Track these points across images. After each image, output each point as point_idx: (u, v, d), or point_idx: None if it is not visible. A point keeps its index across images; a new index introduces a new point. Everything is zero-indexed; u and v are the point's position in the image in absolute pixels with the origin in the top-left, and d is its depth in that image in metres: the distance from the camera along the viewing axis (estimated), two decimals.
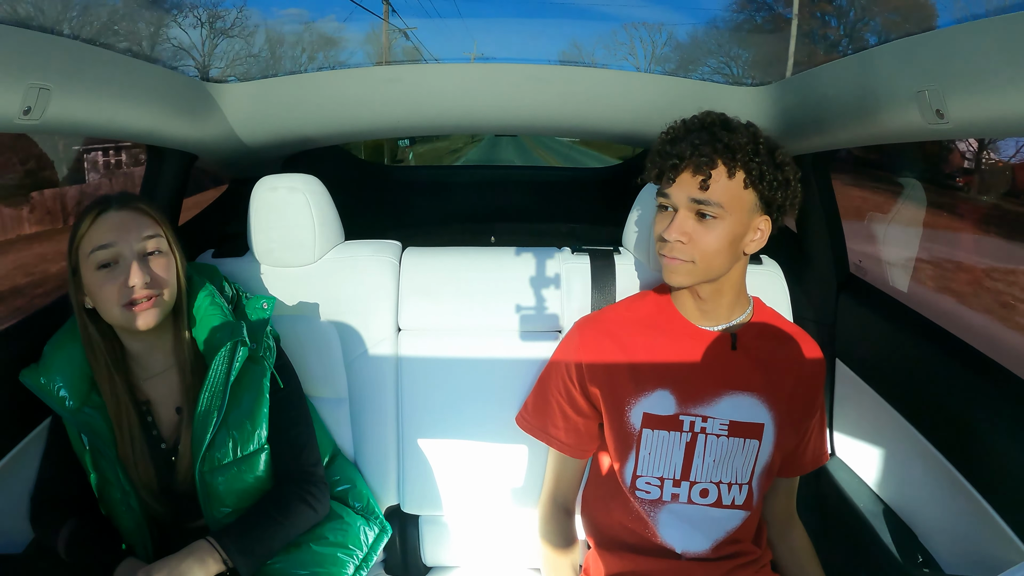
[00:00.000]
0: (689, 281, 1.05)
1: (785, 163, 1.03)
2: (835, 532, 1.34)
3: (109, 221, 1.01)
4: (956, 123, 0.89)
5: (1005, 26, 0.75)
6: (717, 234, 1.01)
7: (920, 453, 1.14)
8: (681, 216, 1.02)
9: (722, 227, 1.01)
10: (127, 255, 1.01)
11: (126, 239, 1.01)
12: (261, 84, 1.43)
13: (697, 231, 1.01)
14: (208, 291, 1.13)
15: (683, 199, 1.01)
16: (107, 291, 1.00)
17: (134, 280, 1.00)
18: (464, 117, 1.61)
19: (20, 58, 0.85)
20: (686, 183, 1.01)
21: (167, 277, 1.05)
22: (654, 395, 1.10)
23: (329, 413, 1.32)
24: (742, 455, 1.10)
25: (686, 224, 1.01)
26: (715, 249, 1.01)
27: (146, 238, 1.03)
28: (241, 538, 1.01)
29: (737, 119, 1.06)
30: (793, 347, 1.15)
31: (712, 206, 1.00)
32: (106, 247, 1.00)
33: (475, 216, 2.32)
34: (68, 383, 1.04)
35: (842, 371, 1.41)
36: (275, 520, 1.07)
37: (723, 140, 0.99)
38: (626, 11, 13.77)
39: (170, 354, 1.10)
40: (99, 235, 1.01)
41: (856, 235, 1.65)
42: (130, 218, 1.03)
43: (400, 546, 1.43)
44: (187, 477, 1.07)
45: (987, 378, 1.07)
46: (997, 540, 0.94)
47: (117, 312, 1.01)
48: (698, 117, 1.06)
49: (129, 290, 1.00)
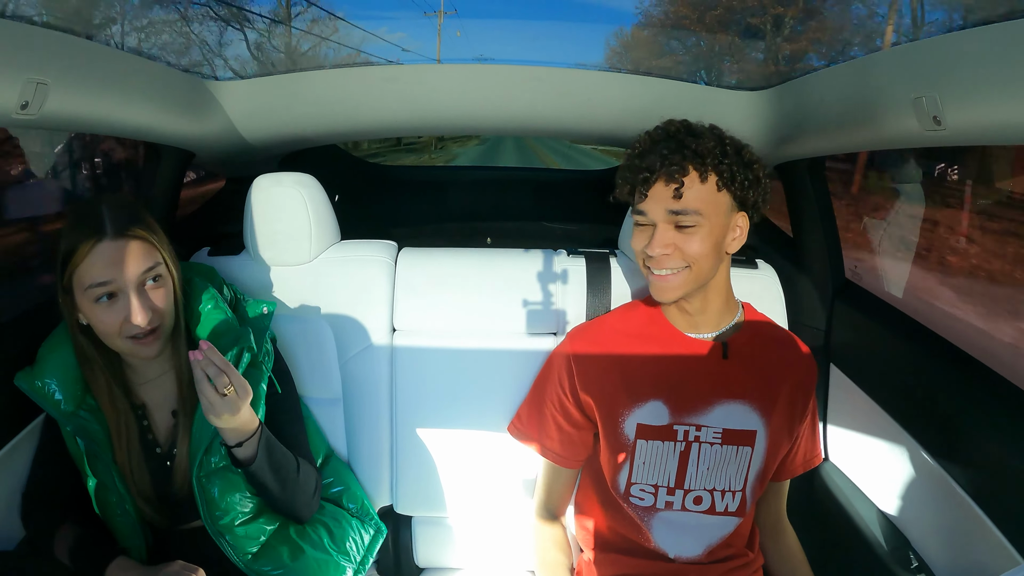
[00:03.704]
0: (680, 293, 1.05)
1: (753, 161, 1.04)
2: (829, 537, 1.34)
3: (106, 255, 0.96)
4: (953, 130, 0.89)
5: (1002, 33, 0.76)
6: (700, 239, 1.01)
7: (914, 459, 1.14)
8: (661, 230, 1.02)
9: (703, 232, 1.01)
10: (127, 289, 0.97)
11: (125, 274, 0.97)
12: (260, 82, 1.43)
13: (679, 240, 1.01)
14: (211, 295, 1.11)
15: (660, 212, 1.01)
16: (107, 324, 0.98)
17: (137, 319, 0.97)
18: (462, 117, 1.60)
19: (18, 53, 0.85)
20: (660, 195, 1.01)
21: (166, 305, 1.02)
22: (647, 406, 1.10)
23: (323, 413, 1.32)
24: (735, 462, 1.10)
25: (667, 236, 1.02)
26: (701, 253, 1.02)
27: (145, 271, 0.99)
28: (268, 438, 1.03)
29: (701, 123, 1.07)
30: (784, 352, 1.15)
31: (689, 215, 1.00)
32: (104, 284, 0.96)
33: (472, 217, 2.32)
34: (63, 386, 1.03)
35: (837, 376, 1.41)
36: (291, 458, 1.07)
37: (690, 147, 1.00)
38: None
39: (166, 360, 1.08)
40: (96, 271, 0.95)
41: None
42: (128, 249, 0.97)
43: (392, 547, 1.43)
44: (184, 481, 1.06)
45: (981, 384, 1.08)
46: (989, 546, 0.94)
47: (119, 343, 0.99)
48: (661, 127, 1.07)
49: (132, 326, 0.97)
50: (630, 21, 9.24)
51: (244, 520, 1.07)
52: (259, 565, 1.06)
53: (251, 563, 1.06)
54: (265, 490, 1.05)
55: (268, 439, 1.03)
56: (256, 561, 1.06)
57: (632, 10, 9.75)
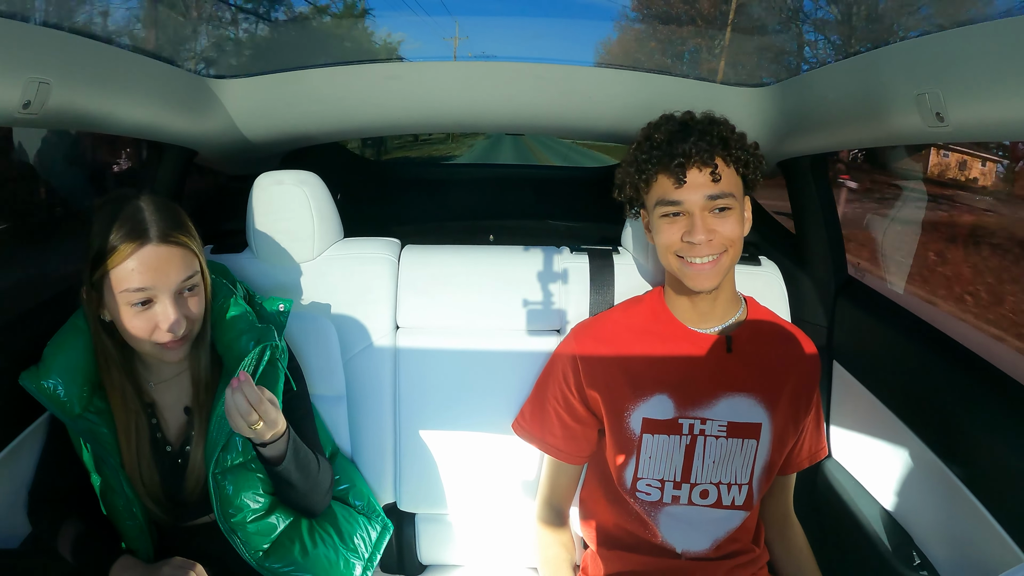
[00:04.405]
0: (720, 280, 1.06)
1: (753, 145, 1.08)
2: (832, 534, 1.34)
3: (148, 261, 0.93)
4: (956, 126, 0.89)
5: (1005, 29, 0.75)
6: (735, 221, 1.03)
7: (917, 456, 1.14)
8: (700, 216, 1.02)
9: (736, 215, 1.04)
10: (164, 297, 0.95)
11: (165, 282, 0.94)
12: (262, 80, 1.43)
13: (717, 224, 1.03)
14: (231, 293, 1.11)
15: (698, 199, 1.02)
16: (136, 326, 0.95)
17: (171, 328, 0.95)
18: (464, 115, 1.60)
19: (20, 52, 0.85)
20: (697, 181, 1.02)
21: (199, 312, 1.01)
22: (653, 400, 1.10)
23: (326, 410, 1.32)
24: (741, 455, 1.10)
25: (708, 222, 1.02)
26: (738, 235, 1.04)
27: (185, 280, 0.97)
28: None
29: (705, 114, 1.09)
30: (788, 345, 1.15)
31: (727, 197, 1.02)
32: (143, 290, 0.93)
33: (474, 214, 2.32)
34: (69, 387, 1.01)
35: (840, 373, 1.41)
36: (312, 455, 1.09)
37: (713, 132, 1.02)
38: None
39: (183, 360, 1.05)
40: (136, 276, 0.93)
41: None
42: (171, 256, 0.95)
43: (396, 544, 1.43)
44: (197, 480, 1.06)
45: (984, 381, 1.08)
46: (992, 542, 0.94)
47: (147, 346, 0.97)
48: (675, 119, 1.08)
49: (163, 334, 0.95)
50: (630, 18, 9.12)
51: (256, 517, 1.07)
52: (270, 562, 1.07)
53: (262, 560, 1.06)
54: (290, 487, 1.05)
55: (294, 439, 1.03)
56: (267, 558, 1.07)
57: (632, 7, 9.62)
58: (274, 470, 1.01)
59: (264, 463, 1.02)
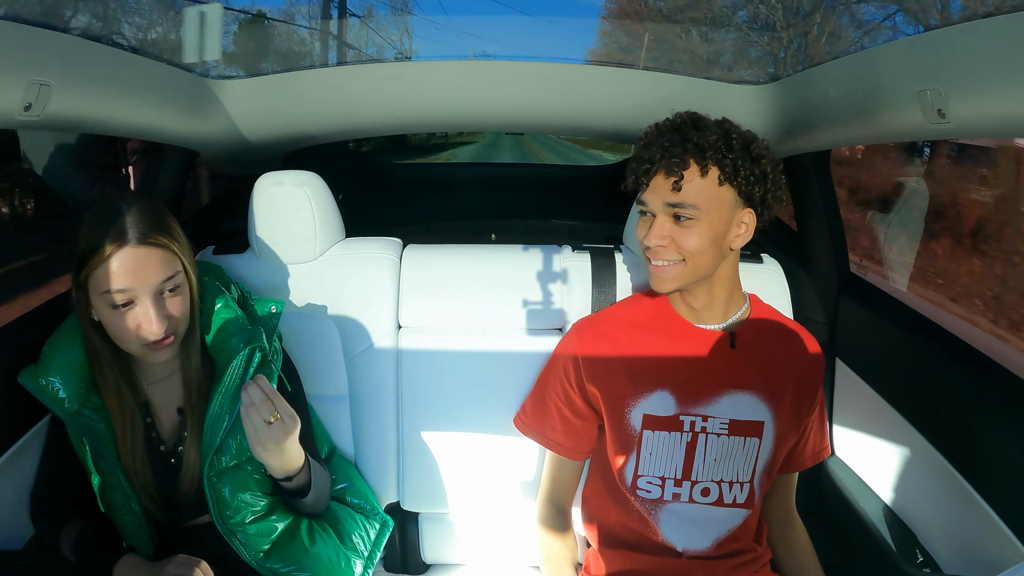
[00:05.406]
0: (677, 285, 1.06)
1: (762, 156, 1.02)
2: (835, 532, 1.34)
3: (126, 263, 0.94)
4: (958, 123, 0.89)
5: (1007, 26, 0.75)
6: (697, 234, 1.01)
7: (920, 453, 1.14)
8: (659, 221, 1.03)
9: (701, 227, 1.01)
10: (144, 297, 0.96)
11: (144, 283, 0.95)
12: (263, 80, 1.43)
13: (676, 232, 1.02)
14: (221, 294, 1.11)
15: (658, 203, 1.02)
16: (121, 329, 0.96)
17: (152, 329, 0.96)
18: (465, 114, 1.60)
19: (21, 54, 0.85)
20: (659, 187, 1.02)
21: (183, 313, 1.01)
22: (654, 396, 1.10)
23: (329, 410, 1.32)
24: (743, 453, 1.10)
25: (664, 228, 1.02)
26: (698, 248, 1.02)
27: (164, 281, 0.97)
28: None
29: (709, 116, 1.06)
30: (791, 343, 1.15)
31: (687, 208, 1.00)
32: (122, 291, 0.94)
33: (476, 214, 2.32)
34: (67, 385, 1.02)
35: (842, 371, 1.41)
36: (324, 472, 1.10)
37: (693, 140, 1.00)
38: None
39: (176, 361, 1.07)
40: (115, 278, 0.93)
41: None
42: (149, 258, 0.95)
43: (399, 543, 1.43)
44: (192, 481, 1.06)
45: (987, 378, 1.07)
46: (996, 540, 0.94)
47: (134, 346, 0.98)
48: (670, 119, 1.07)
49: (145, 333, 0.96)
50: (629, 17, 9.07)
51: (255, 518, 1.07)
52: (271, 563, 1.07)
53: (263, 561, 1.06)
54: (303, 505, 1.07)
55: (314, 468, 1.04)
56: (268, 559, 1.07)
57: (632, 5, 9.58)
58: (295, 501, 1.04)
59: (286, 495, 1.04)
